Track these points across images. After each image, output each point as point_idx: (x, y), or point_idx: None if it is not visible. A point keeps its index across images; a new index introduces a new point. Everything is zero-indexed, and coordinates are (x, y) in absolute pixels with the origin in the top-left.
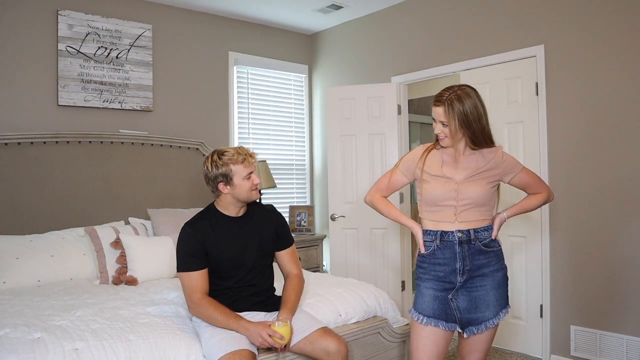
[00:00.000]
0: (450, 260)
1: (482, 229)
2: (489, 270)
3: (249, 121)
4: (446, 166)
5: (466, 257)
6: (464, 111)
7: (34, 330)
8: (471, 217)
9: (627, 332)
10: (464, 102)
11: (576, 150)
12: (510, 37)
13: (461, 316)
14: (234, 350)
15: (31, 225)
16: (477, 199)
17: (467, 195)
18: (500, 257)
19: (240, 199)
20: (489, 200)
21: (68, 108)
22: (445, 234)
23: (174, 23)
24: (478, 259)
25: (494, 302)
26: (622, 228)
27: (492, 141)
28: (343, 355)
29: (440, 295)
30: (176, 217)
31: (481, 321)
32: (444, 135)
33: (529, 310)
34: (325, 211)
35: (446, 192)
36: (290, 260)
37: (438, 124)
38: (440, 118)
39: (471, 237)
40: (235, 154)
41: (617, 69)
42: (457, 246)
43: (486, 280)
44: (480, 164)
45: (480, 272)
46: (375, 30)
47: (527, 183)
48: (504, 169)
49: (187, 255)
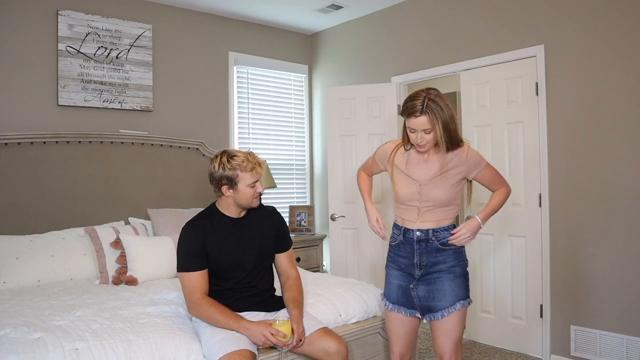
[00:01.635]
0: (410, 255)
1: (442, 229)
2: (445, 267)
3: (249, 121)
4: (412, 165)
5: (423, 254)
6: (443, 115)
7: (34, 330)
8: (433, 217)
9: (627, 332)
10: (440, 106)
11: (576, 150)
12: (510, 37)
13: (421, 304)
14: (234, 350)
15: (31, 225)
16: (440, 200)
17: (430, 197)
18: (458, 254)
19: (241, 204)
20: (453, 200)
21: (68, 108)
22: (408, 231)
23: (174, 23)
24: (435, 257)
25: (450, 293)
26: (622, 228)
27: (462, 140)
28: (343, 355)
29: (403, 284)
30: (176, 217)
31: (438, 309)
32: (425, 142)
33: (529, 310)
34: (325, 211)
35: (410, 194)
36: (289, 262)
37: (419, 133)
38: (423, 127)
39: (429, 236)
40: (245, 160)
41: (617, 69)
42: (416, 244)
43: (443, 274)
44: (445, 163)
45: (436, 267)
46: (375, 30)
47: (491, 179)
48: (469, 166)
49: (187, 255)
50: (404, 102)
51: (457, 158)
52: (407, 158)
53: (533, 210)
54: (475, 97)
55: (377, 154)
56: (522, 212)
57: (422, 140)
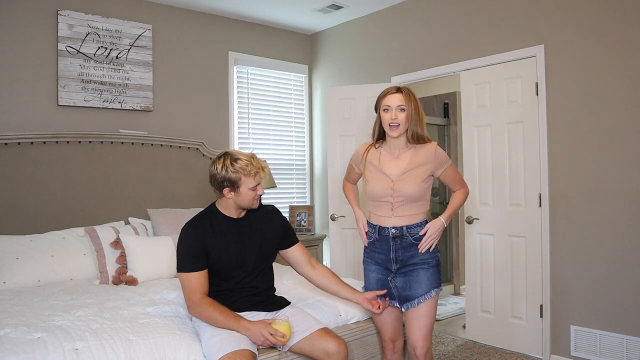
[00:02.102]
0: (386, 251)
1: (415, 225)
2: (419, 259)
3: (249, 121)
4: (384, 163)
5: (399, 249)
6: (415, 105)
7: (34, 330)
8: (406, 212)
9: (627, 332)
10: (415, 98)
11: (576, 150)
12: (510, 37)
13: (399, 294)
14: (234, 350)
15: (31, 225)
16: (411, 195)
17: (402, 192)
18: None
19: (241, 206)
20: (423, 196)
21: (68, 108)
22: (383, 229)
23: (174, 23)
24: (410, 251)
25: (425, 282)
26: (622, 228)
27: (427, 138)
28: (343, 356)
29: (381, 277)
30: (176, 217)
31: (415, 297)
32: (398, 122)
33: (529, 310)
34: (325, 211)
35: (383, 190)
36: (305, 253)
37: (393, 111)
38: (398, 102)
39: (404, 232)
40: (249, 164)
41: (617, 68)
42: (392, 240)
43: (418, 266)
44: (414, 158)
45: (412, 261)
46: (375, 30)
47: (453, 179)
48: (436, 163)
49: (187, 255)
50: (379, 95)
51: (424, 154)
52: (379, 156)
53: (533, 210)
54: (475, 97)
55: (352, 158)
56: (522, 212)
57: (396, 119)
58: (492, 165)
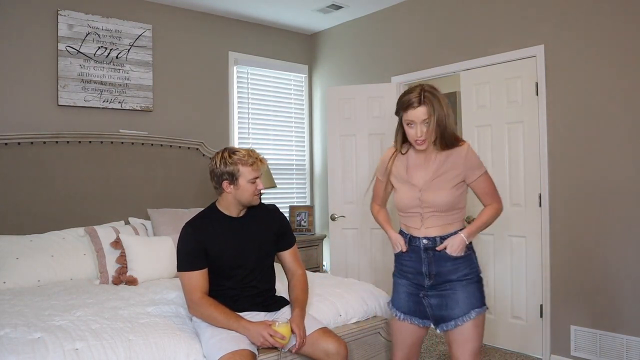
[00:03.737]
0: (417, 264)
1: (449, 235)
2: (456, 276)
3: (249, 121)
4: (411, 170)
5: (432, 263)
6: (440, 107)
7: (34, 330)
8: (437, 222)
9: (627, 332)
10: (438, 98)
11: (576, 150)
12: (510, 37)
13: (433, 313)
14: (234, 350)
15: (31, 225)
16: (441, 205)
17: (431, 202)
18: (470, 262)
19: (241, 202)
20: (456, 204)
21: (68, 108)
22: (414, 239)
23: (174, 23)
24: (444, 265)
25: (464, 301)
26: (622, 228)
27: (458, 139)
28: (342, 356)
29: (413, 293)
30: (176, 217)
31: (451, 318)
32: (424, 138)
33: (529, 310)
34: (325, 211)
35: (410, 200)
36: (294, 259)
37: (418, 126)
38: (422, 117)
39: (437, 244)
40: (247, 155)
41: (617, 68)
42: (423, 252)
43: (455, 283)
44: (444, 163)
45: (447, 277)
46: (375, 30)
47: (485, 190)
48: (467, 168)
49: (187, 254)
50: (399, 99)
51: (453, 158)
52: (407, 162)
53: (533, 210)
54: (475, 97)
55: (377, 168)
56: (522, 212)
57: (422, 135)
58: (492, 165)
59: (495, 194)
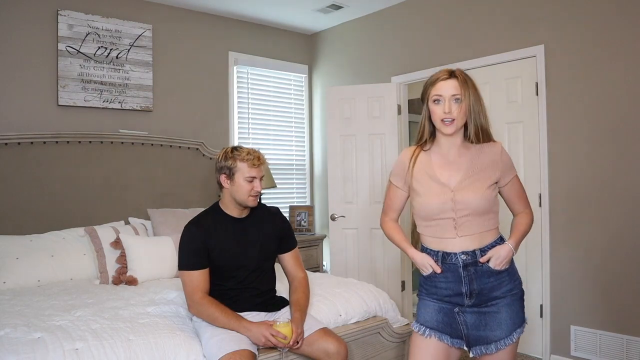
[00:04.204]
0: (454, 285)
1: (489, 246)
2: (501, 292)
3: (249, 121)
4: (437, 169)
5: (473, 280)
6: (475, 89)
7: (34, 330)
8: (474, 229)
9: (627, 332)
10: (472, 80)
11: (576, 150)
12: (510, 37)
13: (468, 332)
14: (234, 350)
15: (31, 225)
16: (477, 206)
17: (466, 204)
18: (513, 275)
19: (237, 200)
20: (491, 206)
21: (68, 108)
22: (448, 255)
23: (174, 23)
24: (488, 281)
25: (507, 321)
26: (622, 228)
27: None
28: (342, 356)
29: (445, 307)
30: (176, 217)
31: (491, 340)
32: (453, 117)
33: (529, 310)
34: (325, 211)
35: (443, 203)
36: (295, 263)
37: (447, 102)
38: (452, 91)
39: (477, 258)
40: (247, 153)
41: (617, 68)
42: (462, 269)
43: (499, 300)
44: (476, 160)
45: (491, 294)
46: (375, 30)
47: (518, 194)
48: (503, 168)
49: (189, 253)
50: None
51: (489, 155)
52: (430, 161)
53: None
54: None
55: (392, 173)
56: None
57: (450, 112)
58: None
59: (527, 200)
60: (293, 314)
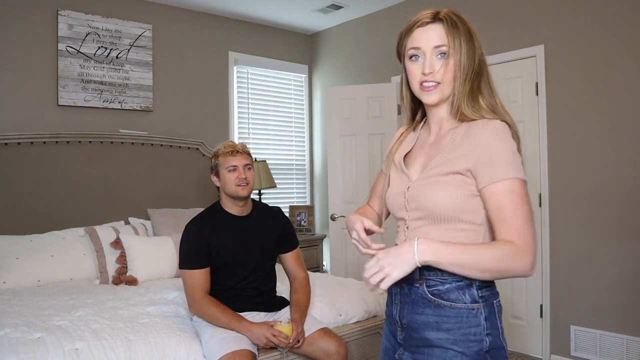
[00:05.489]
0: (390, 305)
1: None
2: (438, 338)
3: (249, 121)
4: (412, 153)
5: (405, 305)
6: (471, 39)
7: (34, 330)
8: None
9: (627, 332)
10: (467, 25)
11: (576, 150)
12: (510, 37)
13: None
14: (234, 350)
15: (31, 225)
16: (433, 209)
17: (418, 203)
18: (471, 321)
19: (228, 193)
20: (459, 214)
21: (68, 108)
22: None
23: (174, 23)
24: (422, 313)
25: None
26: (622, 228)
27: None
28: (342, 356)
29: (387, 345)
30: (176, 217)
31: None
32: (436, 79)
33: (529, 310)
34: (325, 211)
35: (396, 198)
36: (296, 263)
37: (428, 57)
38: (435, 42)
39: (415, 277)
40: (223, 146)
41: (617, 68)
42: (394, 285)
43: (434, 350)
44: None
45: (423, 334)
46: (375, 30)
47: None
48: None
49: (190, 252)
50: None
51: (473, 139)
52: (413, 142)
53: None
54: None
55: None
56: None
57: (433, 72)
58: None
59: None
60: (293, 314)
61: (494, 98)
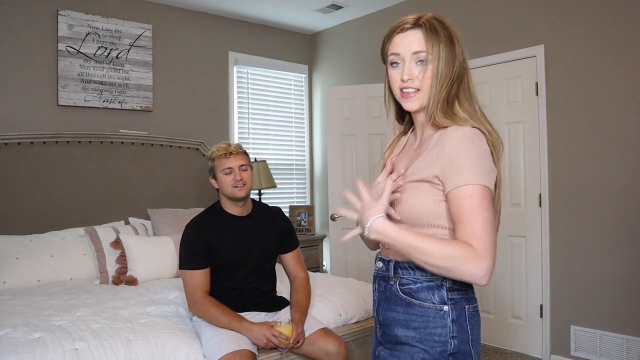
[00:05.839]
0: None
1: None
2: (406, 335)
3: (249, 121)
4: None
5: (382, 302)
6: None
7: (34, 330)
8: None
9: (627, 332)
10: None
11: (576, 150)
12: (510, 37)
13: None
14: (234, 350)
15: (31, 225)
16: (409, 213)
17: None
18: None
19: (226, 195)
20: (431, 219)
21: (68, 108)
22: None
23: (174, 23)
24: (394, 311)
25: None
26: (622, 228)
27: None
28: (342, 356)
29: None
30: (176, 217)
31: None
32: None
33: (529, 310)
34: (325, 211)
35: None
36: (296, 263)
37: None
38: (414, 48)
39: (390, 272)
40: (216, 149)
41: (617, 68)
42: (374, 282)
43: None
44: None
45: (394, 331)
46: (376, 30)
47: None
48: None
49: (190, 253)
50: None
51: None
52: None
53: (533, 210)
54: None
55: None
56: (522, 212)
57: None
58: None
59: (479, 231)
60: (294, 314)
61: (473, 105)
